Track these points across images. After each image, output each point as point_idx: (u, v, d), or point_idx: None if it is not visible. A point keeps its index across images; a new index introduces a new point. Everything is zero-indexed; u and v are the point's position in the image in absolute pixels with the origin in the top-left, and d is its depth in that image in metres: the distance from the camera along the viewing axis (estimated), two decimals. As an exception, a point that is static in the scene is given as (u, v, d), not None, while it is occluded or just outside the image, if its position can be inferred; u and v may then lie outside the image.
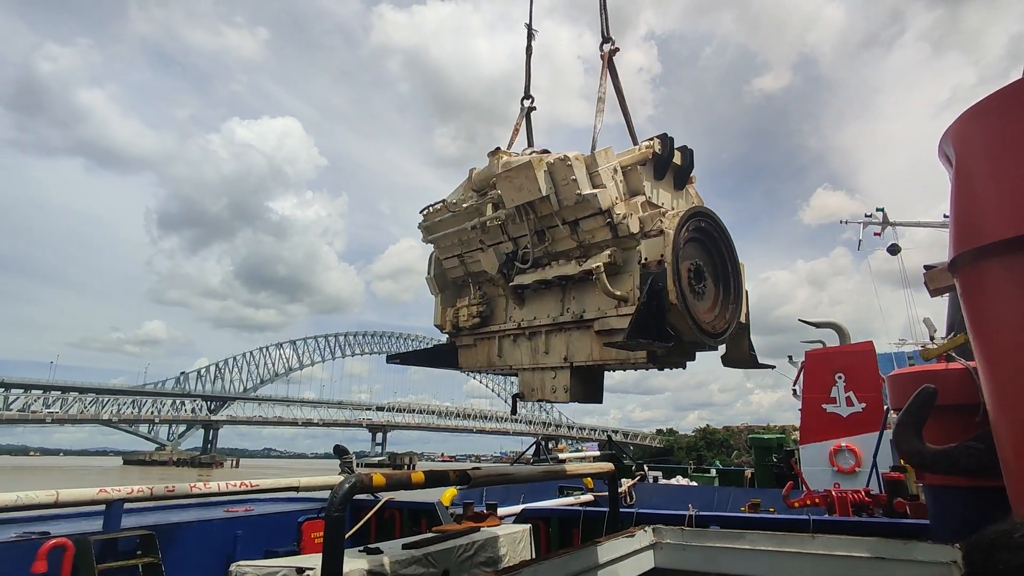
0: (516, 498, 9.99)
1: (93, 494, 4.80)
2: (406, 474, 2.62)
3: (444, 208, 4.95)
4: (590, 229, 4.16)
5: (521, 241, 4.49)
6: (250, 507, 6.53)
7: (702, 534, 4.34)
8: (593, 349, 4.24)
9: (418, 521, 6.49)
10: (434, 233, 5.06)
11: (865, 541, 3.79)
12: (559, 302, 4.51)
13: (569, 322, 4.39)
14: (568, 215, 4.16)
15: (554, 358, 4.43)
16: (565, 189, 4.04)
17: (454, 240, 4.97)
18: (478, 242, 4.77)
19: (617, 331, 3.93)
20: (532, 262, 4.43)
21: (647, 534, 4.33)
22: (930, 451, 3.34)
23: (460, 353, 5.20)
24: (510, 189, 4.24)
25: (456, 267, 5.15)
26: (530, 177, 4.10)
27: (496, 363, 4.85)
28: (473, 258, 4.93)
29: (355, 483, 2.28)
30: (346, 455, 7.45)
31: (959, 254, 2.45)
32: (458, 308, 5.06)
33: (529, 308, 4.68)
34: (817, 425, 13.62)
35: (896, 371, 5.24)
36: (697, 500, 11.60)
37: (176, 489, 5.39)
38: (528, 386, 4.54)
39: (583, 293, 4.36)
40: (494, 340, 4.90)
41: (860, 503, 7.42)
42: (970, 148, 2.41)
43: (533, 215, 4.29)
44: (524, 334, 4.65)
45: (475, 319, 4.89)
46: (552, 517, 6.36)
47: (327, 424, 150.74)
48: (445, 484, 2.86)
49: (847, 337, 16.44)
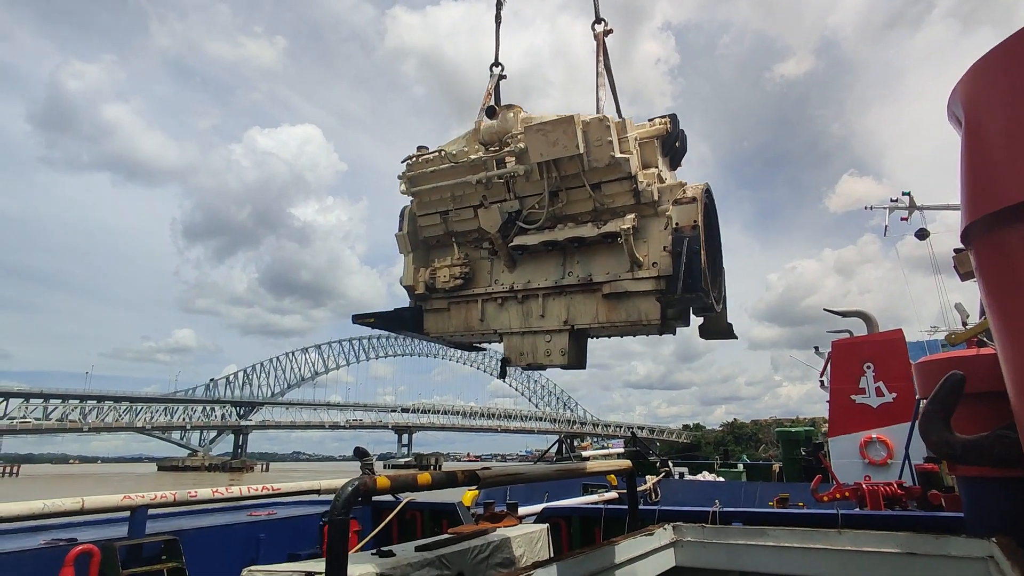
0: (539, 497, 9.93)
1: (117, 501, 4.87)
2: (412, 476, 2.58)
3: (440, 158, 4.62)
4: (612, 193, 4.20)
5: (527, 201, 4.40)
6: (273, 511, 6.59)
7: (724, 531, 4.23)
8: (599, 312, 4.27)
9: (439, 522, 6.47)
10: (421, 185, 4.71)
11: (895, 536, 3.65)
12: (559, 265, 4.47)
13: (573, 285, 4.37)
14: (593, 177, 4.16)
15: (551, 322, 4.40)
16: (597, 150, 4.03)
17: (446, 194, 4.68)
18: (479, 198, 4.54)
19: (632, 294, 4.09)
20: (539, 223, 4.36)
21: (667, 532, 4.23)
22: (960, 441, 3.18)
23: (428, 317, 4.87)
24: (542, 143, 4.11)
25: (435, 224, 4.84)
26: (569, 132, 4.02)
27: (476, 328, 4.65)
28: (461, 216, 4.69)
29: (357, 487, 2.25)
30: (366, 457, 7.44)
31: (972, 222, 2.20)
32: (436, 268, 4.73)
33: (521, 271, 4.57)
34: (846, 417, 13.32)
35: (924, 359, 5.06)
36: (723, 496, 11.42)
37: (198, 494, 5.44)
38: (516, 351, 4.46)
39: (589, 257, 4.35)
40: (475, 304, 4.68)
41: (892, 496, 7.21)
42: (981, 104, 2.17)
43: (556, 173, 4.21)
44: (516, 298, 4.55)
45: (457, 280, 4.63)
46: (573, 516, 6.28)
47: (353, 426, 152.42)
48: (453, 485, 2.82)
49: (875, 326, 16.02)
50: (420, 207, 4.81)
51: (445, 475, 2.76)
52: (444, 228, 4.81)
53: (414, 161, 4.69)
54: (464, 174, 4.51)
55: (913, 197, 28.21)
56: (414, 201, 4.82)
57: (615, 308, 4.23)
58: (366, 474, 2.61)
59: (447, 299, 4.72)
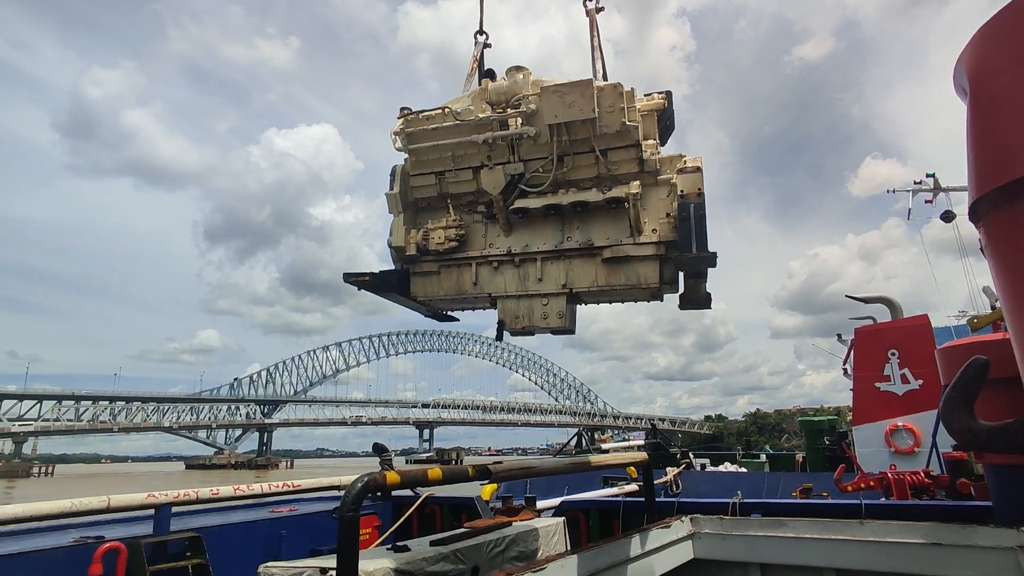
0: (559, 491, 9.93)
1: (142, 499, 4.97)
2: (423, 471, 2.59)
3: (444, 115, 4.48)
4: (618, 160, 4.27)
5: (532, 164, 4.38)
6: (294, 507, 6.67)
7: (743, 523, 4.18)
8: (599, 276, 4.35)
9: (458, 516, 6.50)
10: (420, 142, 4.54)
11: (920, 526, 3.56)
12: (558, 230, 4.48)
13: (573, 249, 4.41)
14: (602, 143, 4.20)
15: (549, 285, 4.43)
16: (609, 116, 4.08)
17: (445, 154, 4.54)
18: (482, 159, 4.47)
19: (632, 258, 4.22)
20: (542, 187, 4.37)
21: (685, 524, 4.19)
22: (984, 428, 3.09)
23: (415, 280, 4.72)
24: (558, 104, 4.10)
25: (429, 185, 4.69)
26: (586, 95, 4.03)
27: (468, 292, 4.59)
28: (458, 177, 4.59)
29: (367, 483, 2.26)
30: (385, 453, 7.52)
31: (981, 196, 2.05)
32: (429, 229, 4.61)
33: (518, 236, 4.56)
34: (870, 405, 13.09)
35: (946, 344, 4.93)
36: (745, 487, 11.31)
37: (220, 492, 5.53)
38: (512, 314, 4.47)
39: (588, 222, 4.40)
40: (469, 267, 4.60)
41: (919, 485, 7.06)
42: (987, 70, 2.01)
43: (566, 136, 4.21)
44: (513, 261, 4.53)
45: (451, 243, 4.54)
46: (592, 509, 6.27)
47: (375, 423, 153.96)
48: (464, 480, 2.82)
49: (899, 312, 15.69)
50: (415, 166, 4.65)
51: (456, 470, 2.76)
52: (438, 189, 4.68)
53: (416, 117, 4.54)
54: (468, 133, 4.41)
55: (938, 179, 27.50)
56: (408, 159, 4.65)
57: (614, 272, 4.31)
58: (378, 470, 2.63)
59: (438, 262, 4.62)
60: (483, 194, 4.55)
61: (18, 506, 4.34)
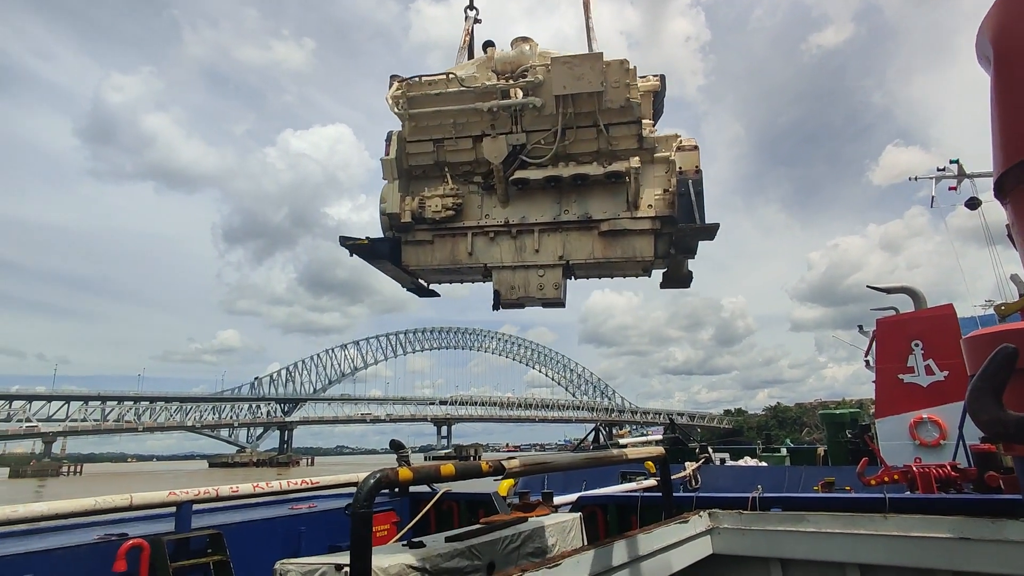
0: (576, 486, 9.91)
1: (163, 497, 5.04)
2: (436, 467, 2.57)
3: (448, 81, 4.44)
4: (619, 136, 4.35)
5: (533, 136, 4.39)
6: (313, 504, 6.73)
7: (762, 517, 4.11)
8: (595, 248, 4.46)
9: (475, 512, 6.51)
10: (420, 107, 4.46)
11: (947, 520, 3.47)
12: (555, 203, 4.54)
13: (571, 222, 4.47)
14: (605, 117, 4.26)
15: (546, 257, 4.49)
16: (615, 91, 4.14)
17: (447, 120, 4.48)
18: (484, 127, 4.45)
19: (629, 232, 4.36)
20: (542, 159, 4.39)
21: (703, 519, 4.14)
22: (1013, 418, 2.99)
23: (407, 249, 4.66)
24: (568, 76, 4.13)
25: (426, 152, 4.62)
26: (596, 68, 4.08)
27: (463, 262, 4.58)
28: (458, 145, 4.55)
29: (379, 479, 2.25)
30: (402, 449, 7.55)
31: (1007, 169, 1.95)
32: (425, 197, 4.55)
33: (514, 207, 4.58)
34: (894, 397, 12.85)
35: (972, 332, 4.79)
36: (766, 481, 11.19)
37: (240, 489, 5.59)
38: (507, 285, 4.50)
39: (586, 196, 4.49)
40: (465, 237, 4.59)
41: (946, 478, 6.91)
42: (1013, 34, 1.88)
43: (571, 109, 4.25)
44: (509, 232, 4.55)
45: (448, 211, 4.50)
46: (609, 504, 6.23)
47: (394, 420, 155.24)
48: (478, 476, 2.80)
49: (923, 302, 15.35)
50: (413, 132, 4.56)
51: (469, 466, 2.75)
52: (435, 157, 4.63)
53: (417, 81, 4.48)
54: (473, 101, 4.38)
55: (962, 165, 26.83)
56: (406, 125, 4.57)
57: (611, 245, 4.43)
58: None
59: (432, 231, 4.57)
60: (481, 164, 4.55)
61: (44, 504, 4.43)
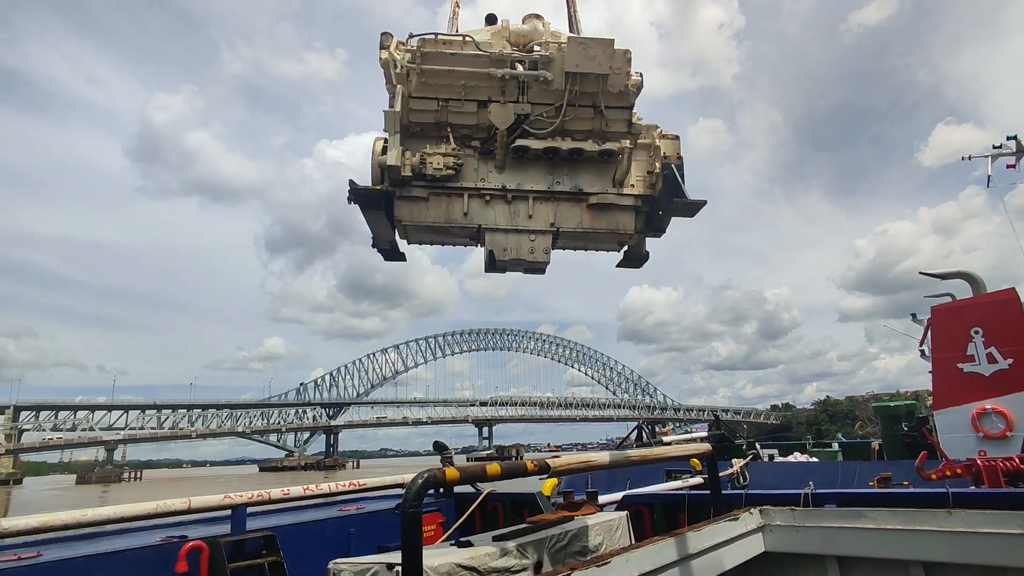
0: (621, 484, 9.81)
1: (219, 500, 5.23)
2: (481, 466, 2.59)
3: (463, 43, 4.59)
4: (613, 118, 4.78)
5: (537, 108, 4.66)
6: (361, 505, 6.86)
7: (816, 514, 3.98)
8: (584, 219, 4.88)
9: (520, 512, 6.52)
10: (433, 64, 4.52)
11: (1017, 515, 3.29)
12: (548, 174, 4.87)
13: (563, 192, 4.84)
14: (604, 99, 4.67)
15: (538, 223, 4.80)
16: (616, 77, 4.52)
17: (458, 81, 4.59)
18: (495, 93, 4.62)
19: (614, 207, 4.83)
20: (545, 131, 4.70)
21: (754, 516, 4.03)
22: None
23: (401, 204, 4.72)
24: (580, 55, 4.45)
25: (430, 111, 4.70)
26: (606, 52, 4.46)
27: (457, 221, 4.75)
28: (463, 108, 4.68)
29: (427, 479, 2.28)
30: (445, 451, 7.62)
31: None
32: (427, 154, 4.64)
33: (511, 174, 4.82)
34: (953, 387, 12.27)
35: None
36: (817, 477, 10.83)
37: (291, 492, 5.76)
38: (500, 246, 4.73)
39: (577, 170, 4.88)
40: (461, 198, 4.75)
41: (1014, 472, 6.57)
42: None
43: (577, 87, 4.58)
44: (505, 197, 4.78)
45: (448, 171, 4.63)
46: (655, 503, 6.15)
47: (435, 422, 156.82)
48: (523, 475, 2.80)
49: (982, 287, 14.59)
50: (420, 88, 4.62)
51: (514, 465, 2.75)
52: (437, 116, 4.71)
53: (430, 39, 4.58)
54: (487, 66, 4.53)
55: (1020, 140, 25.41)
56: (414, 80, 4.63)
57: (597, 217, 4.86)
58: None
59: (429, 189, 4.69)
60: (481, 128, 4.73)
61: (109, 508, 4.65)
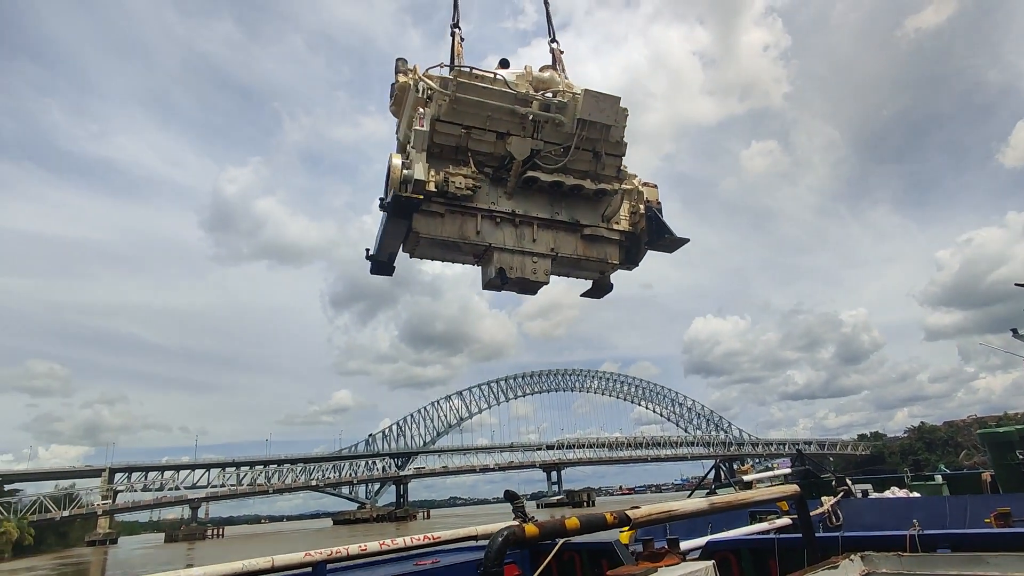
0: (702, 528, 9.32)
1: (300, 558, 5.32)
2: (560, 521, 2.54)
3: (494, 80, 5.16)
4: (608, 164, 5.56)
5: (548, 146, 5.29)
6: (436, 559, 6.81)
7: (929, 560, 3.62)
8: (578, 247, 5.59)
9: (598, 563, 6.28)
10: (466, 94, 5.02)
11: None
12: (548, 204, 5.50)
13: (562, 222, 5.50)
14: (604, 147, 5.43)
15: (540, 247, 5.39)
16: (615, 129, 5.35)
17: (484, 113, 5.11)
18: (514, 127, 5.18)
19: (603, 239, 5.62)
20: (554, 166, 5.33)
21: (855, 564, 3.72)
22: None
23: (419, 218, 5.06)
24: (593, 106, 5.18)
25: (454, 135, 5.14)
26: (614, 108, 5.22)
27: (470, 238, 5.19)
28: (484, 136, 5.19)
29: (507, 537, 2.25)
30: (516, 500, 7.49)
31: None
32: (451, 174, 5.05)
33: (517, 201, 5.34)
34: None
35: None
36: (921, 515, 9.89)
37: (368, 548, 5.79)
38: (507, 264, 5.23)
39: (572, 205, 5.55)
40: (474, 217, 5.20)
41: None
42: None
43: (584, 132, 5.25)
44: (513, 221, 5.31)
45: (467, 191, 5.05)
46: (742, 549, 5.79)
47: (503, 468, 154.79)
48: (603, 528, 2.73)
49: (1087, 294, 13.30)
50: (450, 114, 5.04)
51: (594, 518, 2.68)
52: (459, 141, 5.18)
53: (465, 71, 5.14)
54: (512, 103, 5.14)
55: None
56: (443, 105, 5.03)
57: (589, 247, 5.58)
58: (516, 522, 2.63)
59: (446, 206, 5.07)
60: (495, 157, 5.27)
61: (199, 569, 4.82)
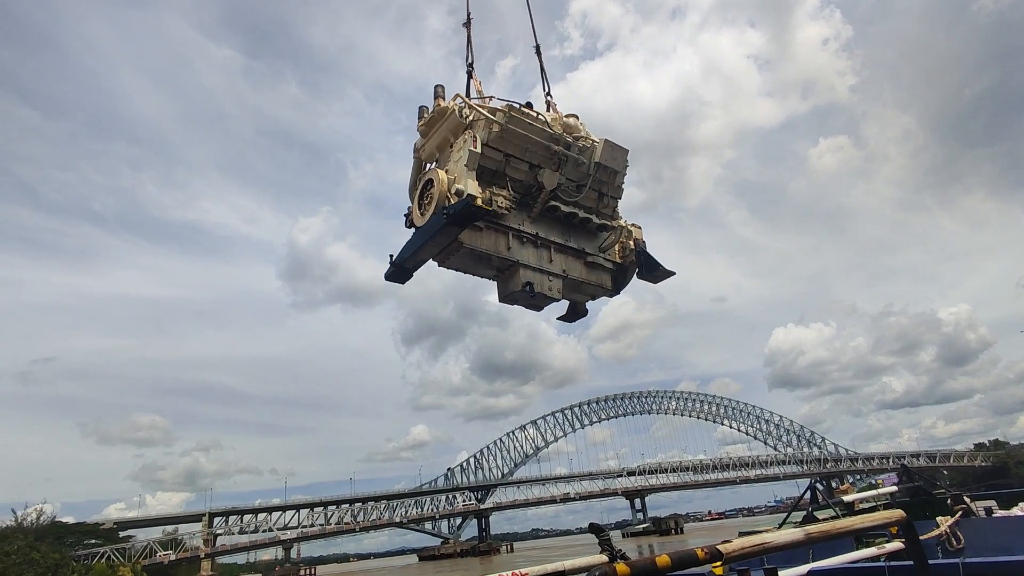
0: (801, 554, 8.75)
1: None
2: (651, 560, 2.51)
3: (537, 119, 6.13)
4: (608, 204, 6.81)
5: (567, 181, 6.30)
6: None
7: None
8: (582, 272, 6.71)
9: None
10: (516, 127, 5.99)
11: None
12: (562, 232, 6.51)
13: (571, 248, 6.58)
14: (609, 189, 6.73)
15: (556, 267, 6.38)
16: (619, 176, 6.71)
17: (524, 144, 6.06)
18: (545, 160, 6.12)
19: (602, 267, 6.94)
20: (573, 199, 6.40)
21: None
22: None
23: (467, 230, 5.77)
24: (609, 153, 6.40)
25: (496, 160, 6.04)
26: (623, 158, 6.58)
27: (502, 253, 6.00)
28: (519, 165, 6.11)
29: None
30: (603, 533, 7.37)
31: None
32: (495, 193, 5.87)
33: (537, 225, 6.24)
34: None
35: None
36: (1059, 535, 8.84)
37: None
38: (533, 280, 6.08)
39: (579, 234, 6.68)
40: (506, 234, 6.05)
41: None
42: None
43: (598, 174, 6.45)
44: (535, 242, 6.19)
45: (505, 210, 5.90)
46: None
47: (583, 497, 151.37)
48: (695, 564, 2.67)
49: None
50: (497, 141, 5.98)
51: (685, 555, 2.64)
52: (499, 166, 6.07)
53: (517, 110, 6.07)
54: (548, 140, 6.11)
55: None
56: (493, 133, 5.92)
57: (590, 273, 6.73)
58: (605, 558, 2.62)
59: (485, 221, 5.86)
60: (524, 185, 6.17)
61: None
